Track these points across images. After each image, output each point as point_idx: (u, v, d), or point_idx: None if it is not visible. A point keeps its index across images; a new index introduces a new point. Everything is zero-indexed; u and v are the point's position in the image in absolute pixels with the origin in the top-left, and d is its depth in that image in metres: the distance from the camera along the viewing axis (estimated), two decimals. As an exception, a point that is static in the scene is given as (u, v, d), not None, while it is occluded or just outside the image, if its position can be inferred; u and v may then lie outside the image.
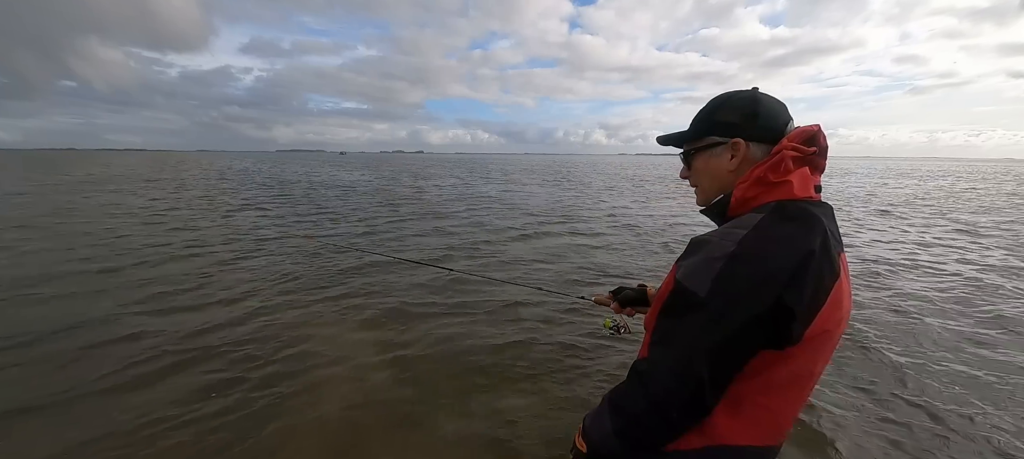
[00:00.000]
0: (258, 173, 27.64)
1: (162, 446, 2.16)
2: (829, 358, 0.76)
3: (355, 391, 2.65)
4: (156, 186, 16.42)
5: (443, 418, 2.39)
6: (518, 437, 2.25)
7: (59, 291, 4.27)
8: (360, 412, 2.45)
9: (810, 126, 0.78)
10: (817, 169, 0.78)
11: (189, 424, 2.31)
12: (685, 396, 0.68)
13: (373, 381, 2.76)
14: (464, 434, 2.27)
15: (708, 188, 0.86)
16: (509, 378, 2.80)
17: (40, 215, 8.93)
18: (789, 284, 0.64)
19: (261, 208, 10.78)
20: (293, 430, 2.29)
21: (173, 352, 3.07)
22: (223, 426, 2.31)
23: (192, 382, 2.71)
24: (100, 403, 2.49)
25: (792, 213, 0.71)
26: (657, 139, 0.94)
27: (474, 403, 2.53)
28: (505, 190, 17.05)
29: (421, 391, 2.64)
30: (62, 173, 24.84)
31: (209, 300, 4.10)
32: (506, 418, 2.39)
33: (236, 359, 3.00)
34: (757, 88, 0.82)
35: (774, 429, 0.76)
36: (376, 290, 4.38)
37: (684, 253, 0.75)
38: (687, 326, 0.69)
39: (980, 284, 4.87)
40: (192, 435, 2.24)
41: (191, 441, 2.20)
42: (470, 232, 7.87)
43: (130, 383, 2.69)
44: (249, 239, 6.91)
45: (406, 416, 2.41)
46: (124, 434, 2.23)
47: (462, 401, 2.54)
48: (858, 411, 2.52)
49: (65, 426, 2.30)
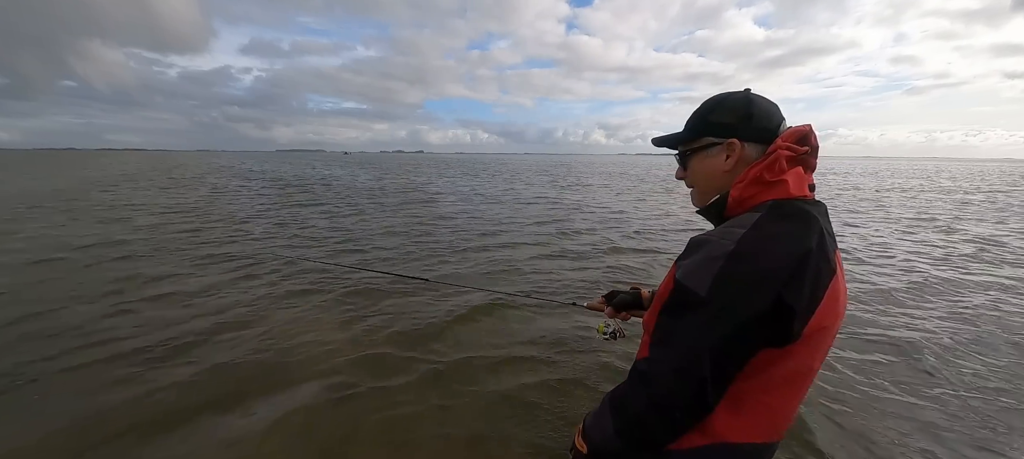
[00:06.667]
0: (274, 173, 27.18)
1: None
2: (826, 354, 0.77)
3: (354, 389, 2.64)
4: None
5: (428, 423, 2.37)
6: (506, 442, 2.23)
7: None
8: (353, 410, 2.46)
9: (802, 126, 0.79)
10: (809, 168, 0.79)
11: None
12: (687, 395, 0.68)
13: (366, 382, 2.75)
14: (450, 439, 2.25)
15: (704, 188, 0.87)
16: (500, 385, 2.75)
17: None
18: (789, 282, 0.65)
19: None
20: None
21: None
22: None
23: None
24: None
25: (789, 212, 0.72)
26: (653, 141, 0.94)
27: (461, 409, 2.50)
28: (508, 190, 17.03)
29: (407, 397, 2.61)
30: (82, 168, 24.31)
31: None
32: (495, 424, 2.37)
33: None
34: (750, 89, 0.83)
35: (774, 426, 0.77)
36: (372, 307, 4.37)
37: (683, 253, 0.76)
38: (688, 325, 0.69)
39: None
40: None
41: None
42: (470, 236, 7.85)
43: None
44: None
45: (392, 419, 2.40)
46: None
47: (448, 408, 2.51)
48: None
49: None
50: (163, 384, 2.70)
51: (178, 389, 2.65)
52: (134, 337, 3.30)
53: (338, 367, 2.92)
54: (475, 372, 2.89)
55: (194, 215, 9.35)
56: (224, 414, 2.43)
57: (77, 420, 2.36)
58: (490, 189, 17.29)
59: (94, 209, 9.95)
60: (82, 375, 2.79)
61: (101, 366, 2.90)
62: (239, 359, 3.02)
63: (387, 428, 2.34)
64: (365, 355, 3.09)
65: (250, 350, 3.14)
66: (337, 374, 2.83)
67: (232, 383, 2.73)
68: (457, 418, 2.42)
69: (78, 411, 2.43)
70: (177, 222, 8.44)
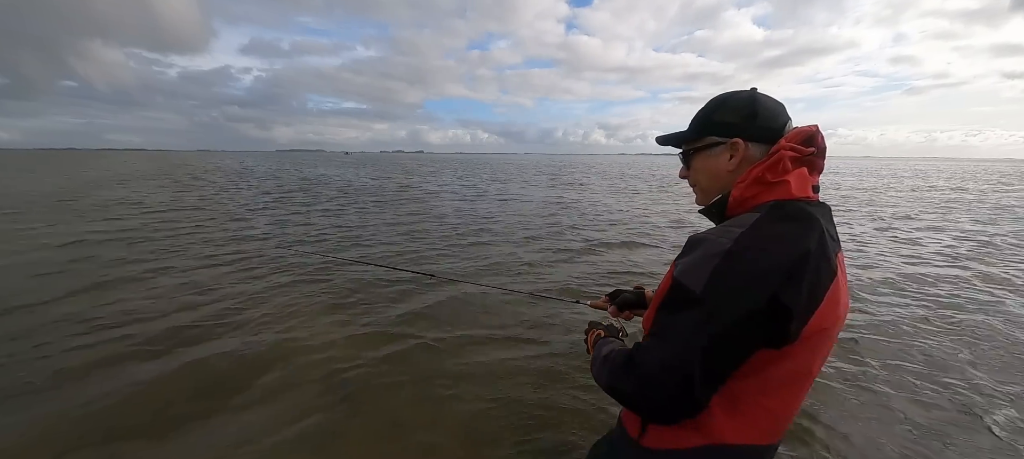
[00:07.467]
0: (274, 172, 27.19)
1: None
2: (826, 356, 0.77)
3: (352, 386, 2.65)
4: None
5: (421, 421, 2.37)
6: (499, 439, 2.23)
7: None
8: (348, 405, 2.48)
9: (808, 127, 0.78)
10: (815, 170, 0.78)
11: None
12: (671, 387, 0.67)
13: (364, 380, 2.76)
14: (442, 437, 2.25)
15: (707, 188, 0.87)
16: (498, 381, 2.76)
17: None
18: (785, 282, 0.65)
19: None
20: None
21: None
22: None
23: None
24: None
25: (789, 212, 0.71)
26: (657, 139, 0.94)
27: (455, 406, 2.50)
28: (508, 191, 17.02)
29: (413, 393, 2.62)
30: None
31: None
32: (490, 420, 2.37)
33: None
34: (756, 89, 0.82)
35: (773, 428, 0.76)
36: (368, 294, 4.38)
37: (682, 251, 0.76)
38: (682, 321, 0.69)
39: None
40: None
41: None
42: (470, 234, 7.84)
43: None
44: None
45: (393, 417, 2.41)
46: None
47: (443, 404, 2.51)
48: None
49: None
50: (155, 378, 2.72)
51: (170, 383, 2.67)
52: (133, 332, 3.31)
53: (333, 361, 2.94)
54: (473, 368, 2.90)
55: (193, 214, 9.35)
56: (219, 409, 2.44)
57: (67, 412, 2.38)
58: (490, 189, 17.27)
59: (95, 208, 9.94)
60: (76, 369, 2.79)
61: (96, 359, 2.90)
62: (236, 353, 3.03)
63: (382, 422, 2.35)
64: (362, 349, 3.10)
65: (249, 346, 3.15)
66: (332, 368, 2.84)
67: (228, 377, 2.75)
68: (451, 416, 2.42)
69: (70, 403, 2.45)
70: (177, 221, 8.43)
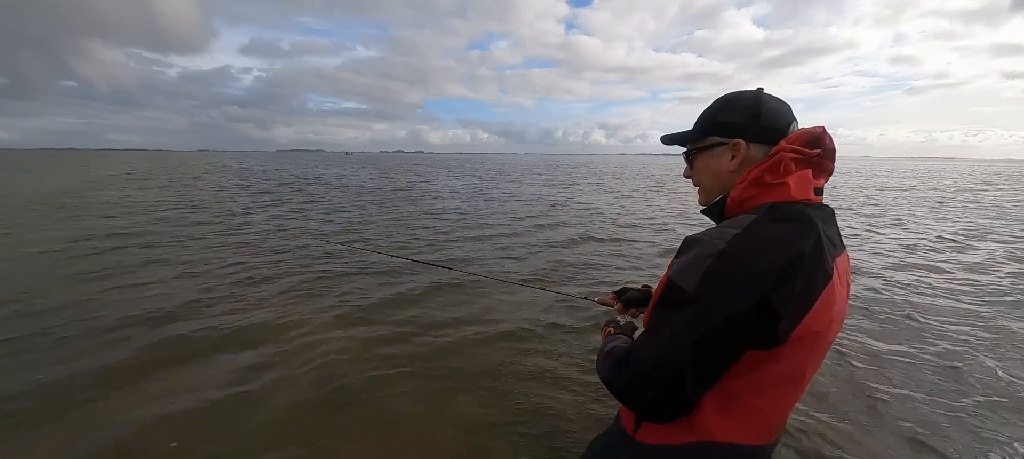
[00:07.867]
0: (275, 172, 27.08)
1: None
2: (821, 360, 0.77)
3: (350, 380, 2.66)
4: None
5: (427, 415, 2.38)
6: (497, 433, 2.24)
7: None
8: (350, 402, 2.49)
9: (814, 128, 0.77)
10: (823, 171, 0.78)
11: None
12: (660, 383, 0.69)
13: (365, 372, 2.77)
14: (440, 429, 2.26)
15: (709, 188, 0.87)
16: (499, 376, 2.77)
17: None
18: (776, 284, 0.65)
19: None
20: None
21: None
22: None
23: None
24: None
25: (787, 214, 0.71)
26: (661, 138, 0.95)
27: (455, 399, 2.51)
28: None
29: (411, 386, 2.63)
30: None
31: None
32: (488, 416, 2.37)
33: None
34: (762, 89, 0.82)
35: (766, 428, 0.77)
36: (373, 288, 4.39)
37: (678, 251, 0.76)
38: (674, 319, 0.70)
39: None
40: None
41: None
42: (469, 228, 7.85)
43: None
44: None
45: (391, 410, 2.42)
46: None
47: (447, 401, 2.51)
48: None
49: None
50: (154, 377, 2.73)
51: (169, 382, 2.69)
52: (131, 332, 3.32)
53: (331, 355, 2.96)
54: (473, 362, 2.91)
55: (194, 212, 9.35)
56: (217, 404, 2.45)
57: (67, 412, 2.39)
58: (489, 188, 17.27)
59: (95, 206, 9.93)
60: (75, 369, 2.81)
61: (96, 359, 2.91)
62: (235, 350, 3.06)
63: (381, 416, 2.37)
64: (360, 344, 3.12)
65: (247, 342, 3.17)
66: (331, 362, 2.87)
67: (226, 373, 2.76)
68: (450, 409, 2.44)
69: (71, 403, 2.46)
70: (177, 219, 8.43)
